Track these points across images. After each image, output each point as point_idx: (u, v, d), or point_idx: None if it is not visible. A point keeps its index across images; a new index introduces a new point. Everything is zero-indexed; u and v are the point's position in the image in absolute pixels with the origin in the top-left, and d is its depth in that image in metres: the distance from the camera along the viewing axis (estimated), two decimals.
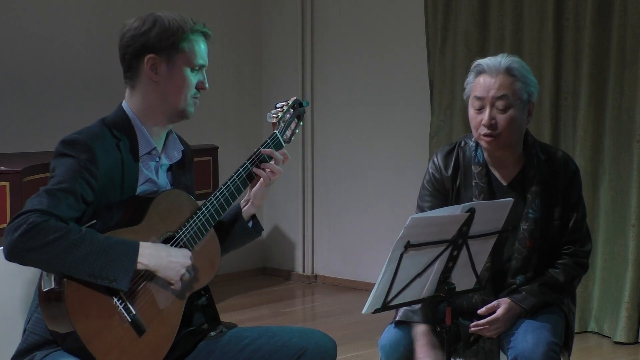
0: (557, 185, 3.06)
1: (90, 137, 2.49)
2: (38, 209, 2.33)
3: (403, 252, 2.54)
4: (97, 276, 2.34)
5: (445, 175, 3.09)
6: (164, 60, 2.57)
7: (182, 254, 2.49)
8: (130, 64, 2.59)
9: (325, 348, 2.67)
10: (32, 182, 4.64)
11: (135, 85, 2.60)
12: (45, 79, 6.02)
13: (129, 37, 2.58)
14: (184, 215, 2.57)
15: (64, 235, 2.32)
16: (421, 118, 6.19)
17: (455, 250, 2.67)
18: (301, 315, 6.22)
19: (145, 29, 2.57)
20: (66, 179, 2.41)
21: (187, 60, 2.59)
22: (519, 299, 2.98)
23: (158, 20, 2.58)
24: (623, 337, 5.13)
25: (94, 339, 2.36)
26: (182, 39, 2.58)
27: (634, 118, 5.11)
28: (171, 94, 2.59)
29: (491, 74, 2.99)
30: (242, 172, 2.67)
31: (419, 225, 2.55)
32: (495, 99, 2.97)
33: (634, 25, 5.09)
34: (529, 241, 3.02)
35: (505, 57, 3.03)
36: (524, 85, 3.01)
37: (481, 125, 2.98)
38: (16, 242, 2.30)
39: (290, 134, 2.79)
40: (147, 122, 2.60)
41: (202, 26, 2.64)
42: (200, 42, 2.62)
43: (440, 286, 2.69)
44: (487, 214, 2.69)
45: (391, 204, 6.43)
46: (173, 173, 2.68)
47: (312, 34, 6.92)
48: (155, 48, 2.56)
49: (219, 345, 2.66)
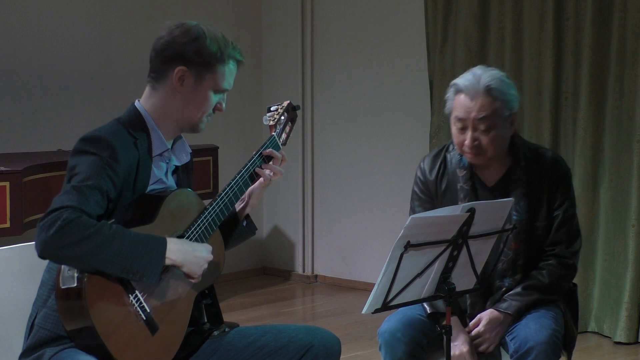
0: (542, 186, 3.05)
1: (110, 134, 2.50)
2: (69, 205, 2.34)
3: (403, 252, 2.54)
4: (130, 271, 2.36)
5: (429, 179, 3.12)
6: (193, 75, 2.57)
7: (205, 248, 2.53)
8: (159, 67, 2.59)
9: (330, 343, 2.69)
10: (32, 182, 4.64)
11: (157, 88, 2.60)
12: (45, 79, 6.02)
13: (167, 42, 2.57)
14: (192, 214, 2.58)
15: (97, 231, 2.33)
16: (421, 118, 6.19)
17: (456, 250, 2.67)
18: (301, 315, 6.22)
19: (186, 41, 2.55)
20: (91, 175, 2.41)
21: (215, 83, 2.60)
22: (504, 307, 3.00)
23: (201, 36, 2.56)
24: (623, 337, 5.13)
25: (112, 336, 2.37)
26: (217, 62, 2.58)
27: (634, 118, 5.11)
28: (190, 109, 2.61)
29: (470, 95, 2.96)
30: (245, 174, 2.69)
31: (419, 225, 2.55)
32: (477, 121, 2.95)
33: (634, 25, 5.09)
34: (514, 243, 3.02)
35: (484, 73, 2.98)
36: (505, 103, 2.98)
37: (464, 144, 2.99)
38: (52, 239, 2.30)
39: (285, 137, 2.82)
40: (160, 125, 2.61)
41: (240, 54, 2.64)
42: (233, 68, 2.63)
43: (440, 286, 2.69)
44: (487, 213, 2.69)
45: (391, 204, 6.43)
46: (178, 175, 2.69)
47: (312, 34, 6.92)
48: (189, 62, 2.56)
49: (223, 342, 2.67)
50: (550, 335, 2.88)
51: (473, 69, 3.04)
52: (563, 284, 3.09)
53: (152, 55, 2.60)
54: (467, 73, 3.02)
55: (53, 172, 4.81)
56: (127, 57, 6.32)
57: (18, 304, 2.64)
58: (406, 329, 2.96)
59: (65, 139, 5.14)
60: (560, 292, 3.10)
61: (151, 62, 2.61)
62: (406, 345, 2.94)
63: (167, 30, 2.58)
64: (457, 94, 2.99)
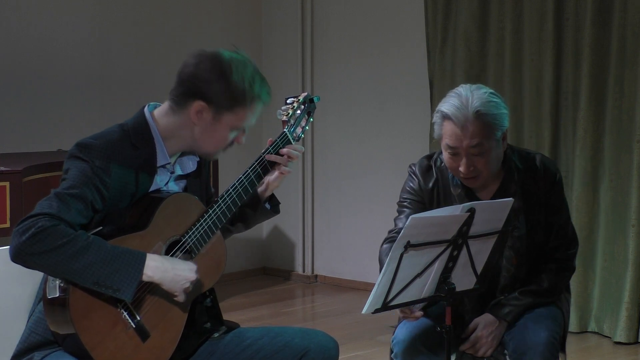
0: (538, 192, 3.02)
1: (107, 144, 2.44)
2: (48, 213, 2.31)
3: (403, 252, 2.53)
4: (102, 285, 2.32)
5: (425, 188, 3.06)
6: (212, 112, 2.50)
7: (188, 267, 2.45)
8: (179, 96, 2.51)
9: (327, 348, 2.66)
10: (32, 182, 4.64)
11: (176, 112, 2.52)
12: (45, 79, 6.01)
13: (191, 74, 2.49)
14: (191, 218, 2.54)
15: (71, 241, 2.29)
16: (421, 118, 6.19)
17: (456, 250, 2.66)
18: (301, 315, 6.22)
19: (210, 78, 2.47)
20: (77, 184, 2.38)
21: (234, 123, 2.53)
22: (503, 312, 2.98)
23: (226, 73, 2.47)
24: (623, 337, 5.13)
25: (98, 346, 2.35)
26: (239, 104, 2.50)
27: (634, 118, 5.10)
28: (204, 142, 2.55)
29: (460, 123, 2.84)
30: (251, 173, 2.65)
31: (419, 225, 2.54)
32: (470, 148, 2.87)
33: (634, 25, 5.09)
34: (515, 258, 3.00)
35: (471, 96, 2.86)
36: (496, 126, 2.88)
37: (459, 171, 2.92)
38: (23, 245, 2.28)
39: (300, 131, 2.77)
40: (166, 141, 2.54)
41: (267, 94, 2.54)
42: (258, 110, 2.55)
43: (440, 286, 2.69)
44: (487, 214, 2.68)
45: (391, 204, 6.38)
46: (188, 182, 2.64)
47: (312, 33, 6.92)
48: (209, 99, 2.48)
49: (220, 345, 2.65)
50: (548, 336, 2.87)
51: (457, 90, 2.90)
52: (561, 286, 3.09)
53: (176, 81, 2.52)
54: (452, 97, 2.89)
55: (53, 172, 4.81)
56: (127, 57, 6.32)
57: (18, 304, 2.64)
58: (423, 338, 2.93)
59: (65, 139, 5.14)
60: (559, 294, 3.10)
61: (175, 86, 2.52)
62: (422, 354, 2.92)
63: (196, 59, 2.49)
64: (445, 120, 2.88)
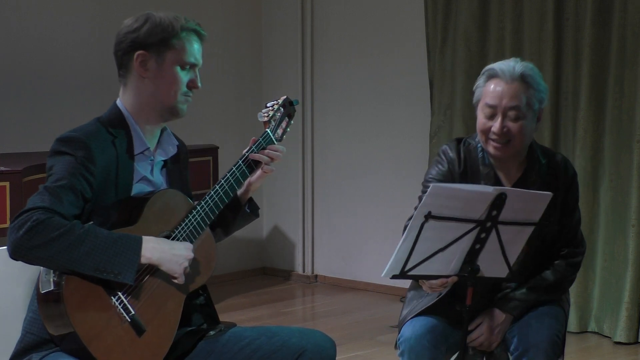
0: (557, 189, 3.04)
1: (85, 134, 2.51)
2: (40, 207, 2.34)
3: (424, 222, 2.53)
4: (102, 270, 2.35)
5: (456, 171, 3.07)
6: (154, 56, 2.57)
7: (185, 247, 2.50)
8: (122, 61, 2.61)
9: (324, 348, 2.66)
10: (32, 182, 4.64)
11: (127, 83, 2.62)
12: (45, 79, 6.01)
13: (122, 34, 2.60)
14: (180, 215, 2.57)
15: (68, 231, 2.33)
16: (421, 118, 6.19)
17: (483, 232, 2.66)
18: (301, 315, 6.22)
19: (137, 26, 2.58)
20: (65, 176, 2.42)
21: (177, 58, 2.59)
22: (510, 307, 3.00)
23: (150, 17, 2.59)
24: (623, 337, 5.13)
25: (95, 340, 2.36)
26: (172, 36, 2.58)
27: (634, 118, 5.11)
28: (161, 91, 2.59)
29: (505, 80, 2.93)
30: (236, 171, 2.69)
31: (441, 195, 2.53)
32: (508, 109, 2.93)
33: (634, 25, 5.09)
34: (526, 246, 3.01)
35: (518, 63, 2.97)
36: (537, 93, 2.96)
37: (491, 132, 2.96)
38: (21, 240, 2.30)
39: (281, 132, 2.82)
40: (140, 120, 2.61)
41: (195, 24, 2.64)
42: (193, 41, 2.62)
43: (465, 266, 2.70)
44: (520, 203, 2.66)
45: (391, 204, 6.43)
46: (168, 169, 2.69)
47: (312, 34, 6.92)
48: (145, 44, 2.57)
49: (218, 344, 2.65)
50: (551, 334, 2.88)
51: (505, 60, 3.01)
52: (566, 284, 3.11)
53: (114, 53, 2.62)
54: (499, 62, 3.00)
55: None
56: None
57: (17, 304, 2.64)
58: (431, 336, 2.93)
59: None
60: (564, 291, 3.12)
61: (115, 60, 2.63)
62: (431, 351, 2.92)
63: (121, 26, 2.62)
64: (489, 79, 2.96)
